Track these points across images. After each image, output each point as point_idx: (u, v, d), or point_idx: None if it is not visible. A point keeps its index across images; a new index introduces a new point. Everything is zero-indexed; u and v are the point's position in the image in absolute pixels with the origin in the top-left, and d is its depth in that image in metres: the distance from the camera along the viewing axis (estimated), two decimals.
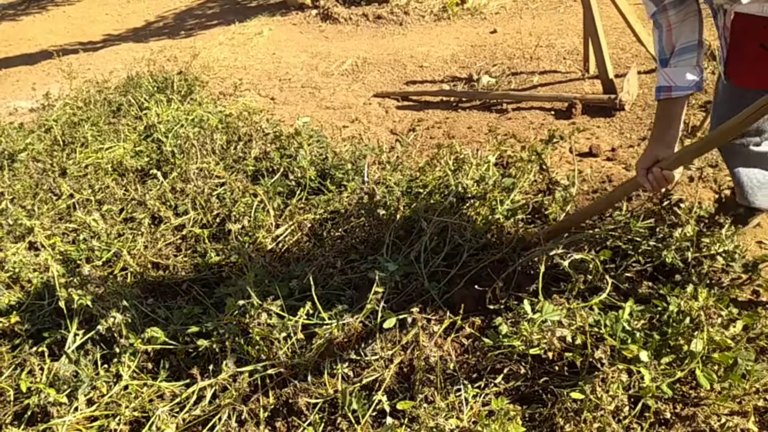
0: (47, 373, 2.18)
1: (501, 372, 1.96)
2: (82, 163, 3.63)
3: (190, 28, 7.43)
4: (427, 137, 3.93)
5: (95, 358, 2.23)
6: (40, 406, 2.07)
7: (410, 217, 2.56)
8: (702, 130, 3.34)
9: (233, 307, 2.19)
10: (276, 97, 4.98)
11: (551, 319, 1.93)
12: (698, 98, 3.71)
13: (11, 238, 2.94)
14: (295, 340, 2.13)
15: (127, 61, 6.35)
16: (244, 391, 2.02)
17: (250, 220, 2.91)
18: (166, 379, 2.18)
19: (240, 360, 2.11)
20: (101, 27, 8.20)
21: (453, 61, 5.16)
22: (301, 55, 5.88)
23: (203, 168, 3.34)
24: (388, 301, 2.25)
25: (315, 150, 3.45)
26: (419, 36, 5.97)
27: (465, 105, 4.29)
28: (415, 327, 2.10)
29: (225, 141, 3.63)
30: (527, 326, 1.91)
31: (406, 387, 1.98)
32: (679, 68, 1.83)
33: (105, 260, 2.80)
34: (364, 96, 4.76)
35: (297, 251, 2.72)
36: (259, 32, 6.66)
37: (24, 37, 8.15)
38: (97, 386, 2.10)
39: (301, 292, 2.34)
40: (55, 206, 3.21)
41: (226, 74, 5.57)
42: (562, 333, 1.87)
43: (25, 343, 2.36)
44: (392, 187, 2.87)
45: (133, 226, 3.04)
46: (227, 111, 4.26)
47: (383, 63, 5.37)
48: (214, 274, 2.69)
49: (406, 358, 2.06)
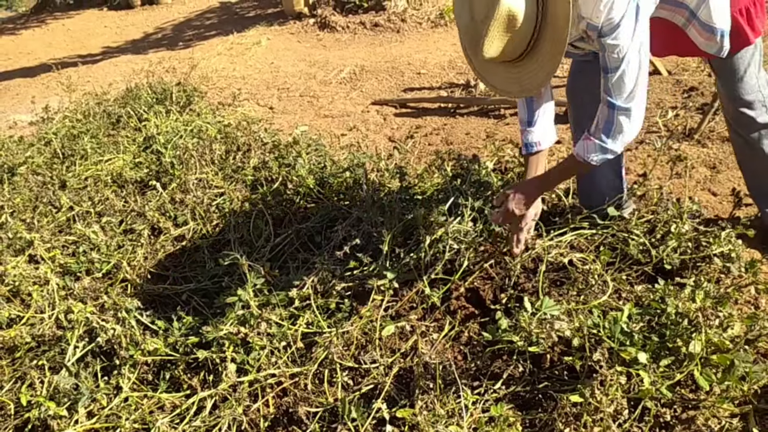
0: (47, 386, 2.18)
1: (500, 377, 1.96)
2: (81, 176, 3.64)
3: (188, 39, 7.47)
4: (426, 144, 3.94)
5: (95, 370, 2.23)
6: (40, 419, 2.06)
7: (409, 224, 2.56)
8: (699, 132, 3.34)
9: (233, 317, 2.19)
10: (274, 107, 4.99)
11: (550, 313, 1.94)
12: (695, 101, 3.72)
13: (11, 251, 2.95)
14: (295, 349, 2.14)
15: (126, 73, 6.37)
16: (244, 401, 2.02)
17: (249, 229, 2.91)
18: (167, 390, 2.18)
19: (240, 370, 2.11)
20: (100, 40, 8.24)
21: (450, 68, 5.18)
22: (299, 64, 5.90)
23: (202, 178, 3.34)
24: (387, 308, 2.26)
25: (313, 158, 3.45)
26: (416, 43, 5.99)
27: (463, 111, 4.30)
28: (414, 334, 2.10)
29: (224, 151, 3.64)
30: (526, 317, 1.92)
31: (406, 394, 1.98)
32: (543, 126, 2.21)
33: (105, 272, 2.81)
34: (362, 104, 4.77)
35: (296, 260, 2.73)
36: (257, 42, 6.68)
37: (24, 50, 8.19)
38: (98, 398, 2.09)
39: (301, 301, 2.34)
40: (55, 219, 3.22)
41: (225, 84, 5.59)
42: (561, 326, 1.88)
43: (25, 357, 2.37)
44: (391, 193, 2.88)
45: (132, 237, 3.05)
46: (226, 121, 4.27)
47: (381, 71, 5.39)
48: (213, 284, 2.69)
49: (406, 365, 2.06)
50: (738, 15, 2.08)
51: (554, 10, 1.75)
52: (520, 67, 1.90)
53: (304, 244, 2.84)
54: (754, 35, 2.13)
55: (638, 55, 1.81)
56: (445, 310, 2.27)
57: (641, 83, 1.85)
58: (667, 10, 2.08)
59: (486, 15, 1.74)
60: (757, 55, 2.21)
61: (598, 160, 1.96)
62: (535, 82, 1.89)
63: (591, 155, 1.95)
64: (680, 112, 3.63)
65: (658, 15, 2.07)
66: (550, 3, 1.75)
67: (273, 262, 2.75)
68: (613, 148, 1.94)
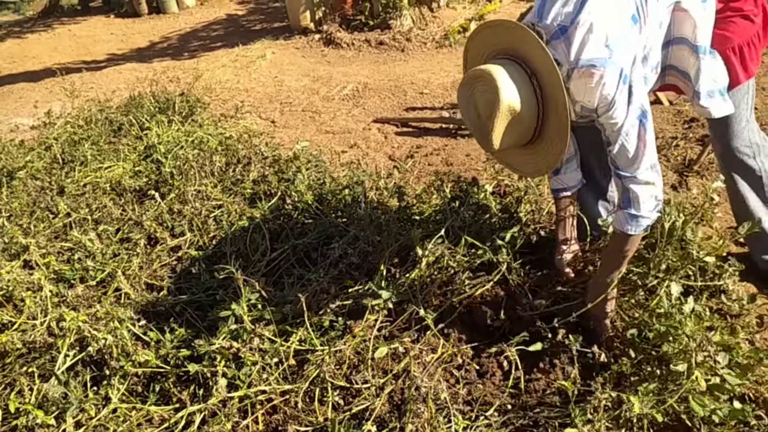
0: (36, 394, 2.16)
1: (492, 404, 1.95)
2: (80, 182, 3.63)
3: (193, 50, 7.50)
4: (426, 164, 3.94)
5: (85, 379, 2.22)
6: (28, 427, 2.05)
7: (405, 244, 2.56)
8: (698, 164, 3.36)
9: (226, 332, 2.18)
10: (276, 121, 5.01)
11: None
12: (696, 132, 3.74)
13: (6, 256, 2.94)
14: (287, 366, 2.13)
15: (129, 80, 6.40)
16: (233, 417, 2.00)
17: (246, 243, 2.91)
18: (156, 402, 2.16)
19: (230, 385, 2.10)
20: (106, 46, 8.28)
21: (453, 89, 5.20)
22: (302, 79, 5.93)
23: (201, 190, 3.34)
24: (381, 328, 2.25)
25: (313, 174, 3.46)
26: (420, 63, 6.02)
27: (464, 132, 4.32)
28: (406, 356, 2.09)
29: (224, 163, 3.65)
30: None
31: (397, 417, 1.96)
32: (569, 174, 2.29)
33: (99, 280, 2.79)
34: (364, 121, 4.79)
35: (291, 275, 2.72)
36: (262, 55, 6.72)
37: (29, 54, 8.22)
38: (86, 409, 2.08)
39: (295, 318, 2.33)
40: (52, 225, 3.21)
41: (228, 96, 5.61)
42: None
43: (15, 363, 2.35)
44: (389, 213, 2.88)
45: (129, 246, 3.04)
46: (227, 133, 4.28)
47: (384, 89, 5.41)
48: (208, 296, 2.68)
49: (398, 387, 2.05)
50: (731, 53, 2.09)
51: (552, 96, 1.81)
52: (531, 149, 1.97)
53: (300, 260, 2.83)
54: (745, 76, 2.13)
55: (637, 127, 1.83)
56: (439, 332, 2.26)
57: (646, 152, 1.86)
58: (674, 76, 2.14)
59: (491, 112, 1.82)
60: (749, 98, 2.21)
61: (636, 230, 1.95)
62: (547, 162, 1.95)
63: (628, 227, 1.94)
64: (680, 142, 3.65)
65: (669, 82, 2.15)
66: (547, 90, 1.81)
67: (268, 276, 2.74)
68: (645, 215, 1.93)
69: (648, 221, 1.94)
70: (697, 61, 2.02)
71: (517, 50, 1.84)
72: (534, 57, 1.79)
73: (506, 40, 1.87)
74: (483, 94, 1.84)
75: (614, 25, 1.76)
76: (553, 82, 1.76)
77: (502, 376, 2.11)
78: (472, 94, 1.88)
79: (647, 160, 1.86)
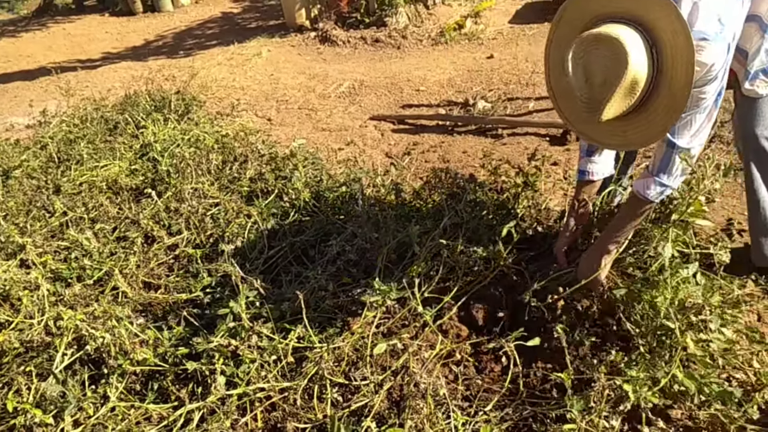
0: (34, 393, 2.15)
1: (491, 400, 1.95)
2: (76, 181, 3.62)
3: (189, 48, 7.48)
4: (422, 161, 3.94)
5: (83, 378, 2.21)
6: (26, 426, 2.04)
7: (403, 241, 2.56)
8: None
9: (224, 329, 2.18)
10: (273, 118, 5.00)
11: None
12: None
13: (3, 255, 2.93)
14: (285, 363, 2.12)
15: (125, 79, 6.38)
16: (232, 415, 2.00)
17: (244, 241, 2.91)
18: (154, 401, 2.16)
19: (229, 383, 2.10)
20: (101, 45, 8.25)
21: (449, 86, 5.20)
22: (298, 77, 5.92)
23: (198, 188, 3.34)
24: (379, 325, 2.25)
25: (310, 172, 3.45)
26: (416, 60, 6.02)
27: (461, 129, 4.32)
28: (405, 353, 2.09)
29: (220, 161, 3.64)
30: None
31: (396, 413, 1.96)
32: (603, 160, 2.23)
33: (96, 279, 2.79)
34: (361, 119, 4.78)
35: (289, 273, 2.72)
36: (258, 53, 6.70)
37: (23, 53, 8.19)
38: (84, 407, 2.07)
39: (293, 315, 2.33)
40: (48, 223, 3.20)
41: (224, 94, 5.60)
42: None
43: (12, 362, 2.34)
44: (386, 210, 2.88)
45: (125, 245, 3.03)
46: (224, 131, 4.27)
47: (380, 86, 5.41)
48: (205, 294, 2.68)
49: (396, 383, 2.05)
50: None
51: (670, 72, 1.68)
52: (626, 121, 1.81)
53: (297, 257, 2.83)
54: None
55: (714, 104, 1.84)
56: (437, 328, 2.26)
57: (706, 126, 1.87)
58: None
59: (605, 79, 1.68)
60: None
61: (656, 197, 1.95)
62: (645, 137, 1.81)
63: (649, 192, 1.95)
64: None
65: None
66: (666, 64, 1.68)
67: (266, 274, 2.74)
68: (672, 185, 1.95)
69: (668, 192, 1.96)
70: (761, 40, 2.03)
71: (641, 17, 1.67)
72: (663, 27, 1.64)
73: (627, 4, 1.69)
74: (602, 59, 1.66)
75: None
76: (683, 59, 1.62)
77: (501, 372, 2.11)
78: (586, 57, 1.70)
79: (704, 136, 1.88)
